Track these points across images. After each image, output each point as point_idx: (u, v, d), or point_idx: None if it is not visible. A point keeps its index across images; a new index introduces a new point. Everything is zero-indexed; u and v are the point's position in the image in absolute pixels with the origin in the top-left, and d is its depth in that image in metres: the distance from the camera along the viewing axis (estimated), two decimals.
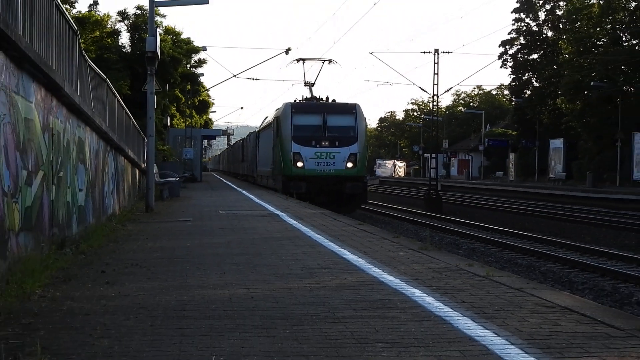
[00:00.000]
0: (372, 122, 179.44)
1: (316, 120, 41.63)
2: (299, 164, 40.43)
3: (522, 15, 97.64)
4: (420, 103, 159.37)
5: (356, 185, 40.64)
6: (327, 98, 46.97)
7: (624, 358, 6.79)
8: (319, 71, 70.64)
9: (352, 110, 42.62)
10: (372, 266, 12.88)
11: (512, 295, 10.15)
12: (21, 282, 10.47)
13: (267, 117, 57.65)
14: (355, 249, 15.67)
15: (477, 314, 8.73)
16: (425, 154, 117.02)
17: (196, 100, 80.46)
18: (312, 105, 44.66)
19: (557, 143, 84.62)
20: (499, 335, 7.61)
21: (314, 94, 48.16)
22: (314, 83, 49.55)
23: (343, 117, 42.35)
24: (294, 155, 40.39)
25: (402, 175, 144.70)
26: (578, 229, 34.86)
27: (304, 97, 47.62)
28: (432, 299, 9.72)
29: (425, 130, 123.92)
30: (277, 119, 43.56)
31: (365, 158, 43.74)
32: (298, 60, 48.51)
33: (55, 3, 14.74)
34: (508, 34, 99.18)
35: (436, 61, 58.64)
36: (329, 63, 50.19)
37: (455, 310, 8.95)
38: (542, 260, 23.14)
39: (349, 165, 40.78)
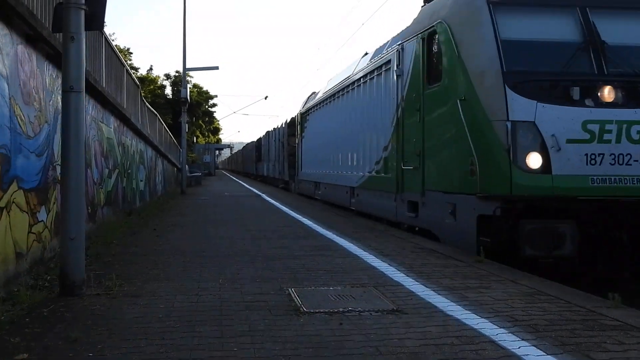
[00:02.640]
0: None
1: (568, 29, 9.19)
2: (535, 160, 8.43)
3: None
4: None
5: None
6: None
7: (466, 277, 7.47)
8: None
9: None
10: (317, 225, 13.84)
11: (400, 241, 10.86)
12: (104, 236, 11.26)
13: (313, 92, 25.74)
14: (308, 215, 16.93)
15: (379, 253, 9.50)
16: None
17: (211, 127, 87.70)
18: None
19: None
20: (390, 266, 8.38)
21: None
22: None
23: None
24: (518, 131, 8.44)
25: None
26: None
27: None
28: (352, 245, 10.49)
29: None
30: (430, 33, 10.88)
31: None
32: None
33: (125, 69, 16.64)
34: None
35: None
36: None
37: (365, 251, 9.72)
38: None
39: None
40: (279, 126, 37.27)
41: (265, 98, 59.15)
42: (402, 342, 4.88)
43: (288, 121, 32.85)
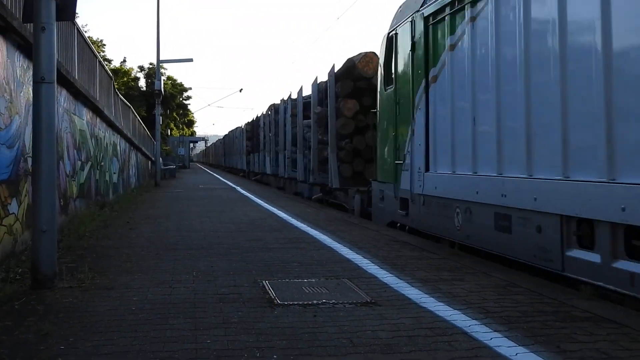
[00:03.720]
0: None
1: None
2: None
3: None
4: None
5: None
6: None
7: (439, 270, 7.51)
8: None
9: None
10: (291, 218, 13.88)
11: (374, 234, 10.92)
12: (77, 228, 11.18)
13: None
14: (282, 207, 16.91)
15: (353, 245, 9.53)
16: None
17: (185, 119, 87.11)
18: None
19: None
20: (364, 258, 8.39)
21: None
22: None
23: None
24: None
25: None
26: None
27: None
28: (326, 237, 10.52)
29: None
30: None
31: None
32: None
33: (98, 60, 16.46)
34: None
35: None
36: None
37: (339, 243, 9.76)
38: None
39: None
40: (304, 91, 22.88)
41: (240, 90, 58.91)
42: (375, 334, 4.90)
43: (336, 71, 17.94)
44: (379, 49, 12.82)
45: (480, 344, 4.65)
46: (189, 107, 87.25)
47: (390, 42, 11.79)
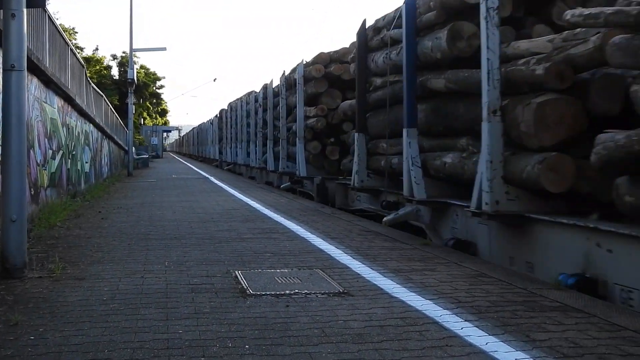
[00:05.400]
0: None
1: None
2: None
3: None
4: None
5: None
6: None
7: (411, 260, 7.55)
8: None
9: None
10: (264, 208, 13.85)
11: (347, 224, 10.97)
12: (47, 218, 11.05)
13: None
14: (255, 197, 16.86)
15: (326, 236, 9.54)
16: None
17: (159, 108, 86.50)
18: None
19: None
20: (337, 248, 8.42)
21: None
22: None
23: None
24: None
25: None
26: None
27: None
28: (299, 227, 10.52)
29: None
30: None
31: None
32: None
33: (70, 48, 16.23)
34: None
35: None
36: None
37: (312, 234, 9.77)
38: None
39: None
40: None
41: (214, 80, 58.83)
42: (347, 324, 4.91)
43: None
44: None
45: (451, 333, 4.69)
46: (163, 96, 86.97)
47: None
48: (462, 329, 4.78)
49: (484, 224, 8.41)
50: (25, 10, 6.74)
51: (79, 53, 23.15)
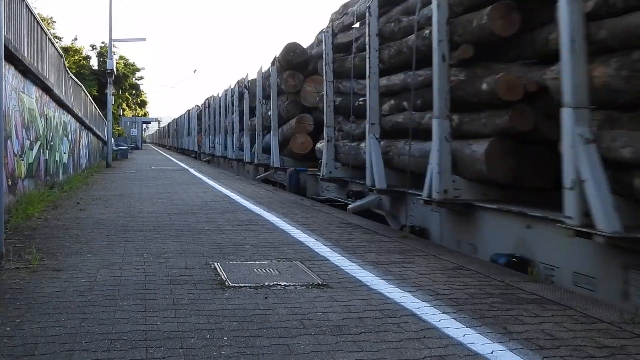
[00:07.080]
0: None
1: None
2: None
3: None
4: None
5: None
6: None
7: (390, 252, 7.59)
8: None
9: None
10: (244, 200, 13.86)
11: (326, 217, 10.98)
12: (25, 209, 10.95)
13: None
14: (234, 189, 16.81)
15: (306, 228, 9.55)
16: None
17: (138, 100, 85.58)
18: None
19: None
20: (317, 241, 8.44)
21: None
22: None
23: None
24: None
25: None
26: None
27: None
28: (279, 219, 10.52)
29: None
30: None
31: None
32: None
33: (48, 38, 16.02)
34: None
35: None
36: None
37: (292, 226, 9.77)
38: None
39: None
40: None
41: (194, 72, 58.55)
42: (326, 316, 4.92)
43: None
44: None
45: (429, 325, 4.71)
46: (142, 87, 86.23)
47: None
48: (440, 321, 4.81)
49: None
50: None
51: (57, 43, 22.90)
